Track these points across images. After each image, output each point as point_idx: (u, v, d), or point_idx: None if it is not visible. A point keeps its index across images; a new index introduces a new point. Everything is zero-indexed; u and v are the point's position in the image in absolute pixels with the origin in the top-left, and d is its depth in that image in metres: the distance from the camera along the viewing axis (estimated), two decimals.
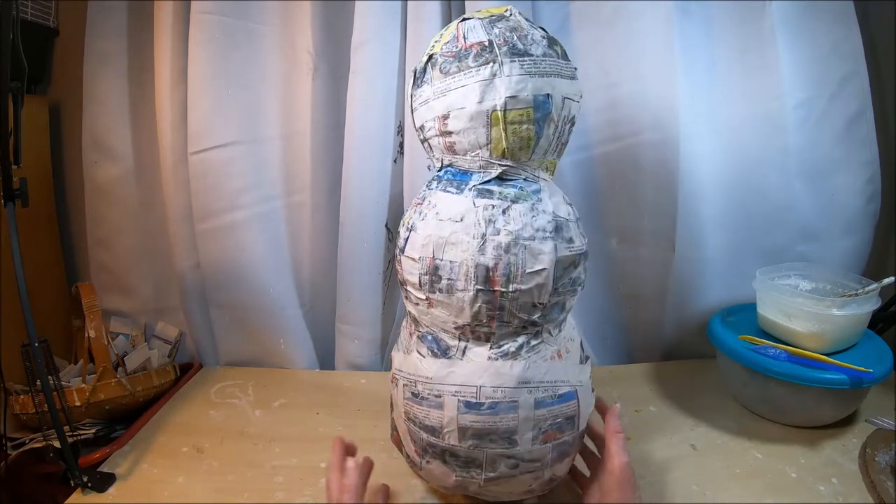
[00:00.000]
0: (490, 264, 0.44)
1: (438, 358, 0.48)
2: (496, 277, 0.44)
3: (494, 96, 0.44)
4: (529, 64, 0.44)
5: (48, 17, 0.85)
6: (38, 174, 0.87)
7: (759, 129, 0.76)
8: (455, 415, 0.46)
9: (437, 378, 0.47)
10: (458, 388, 0.46)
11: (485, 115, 0.44)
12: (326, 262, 0.86)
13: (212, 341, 0.89)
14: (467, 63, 0.45)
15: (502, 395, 0.45)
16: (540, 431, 0.46)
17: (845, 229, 0.78)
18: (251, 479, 0.61)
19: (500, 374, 0.46)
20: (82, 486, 0.59)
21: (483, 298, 0.45)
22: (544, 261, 0.45)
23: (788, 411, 0.65)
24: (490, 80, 0.44)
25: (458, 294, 0.45)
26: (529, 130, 0.45)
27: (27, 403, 0.66)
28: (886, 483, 0.54)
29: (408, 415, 0.50)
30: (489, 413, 0.45)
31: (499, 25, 0.46)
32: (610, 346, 0.88)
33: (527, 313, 0.46)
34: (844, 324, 0.64)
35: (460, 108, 0.45)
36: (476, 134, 0.45)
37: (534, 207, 0.46)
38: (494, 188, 0.46)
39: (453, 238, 0.45)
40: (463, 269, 0.45)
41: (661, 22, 0.73)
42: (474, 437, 0.46)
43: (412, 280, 0.48)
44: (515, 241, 0.44)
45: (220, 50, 0.77)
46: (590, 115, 0.78)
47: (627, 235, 0.82)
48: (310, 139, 0.81)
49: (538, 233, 0.45)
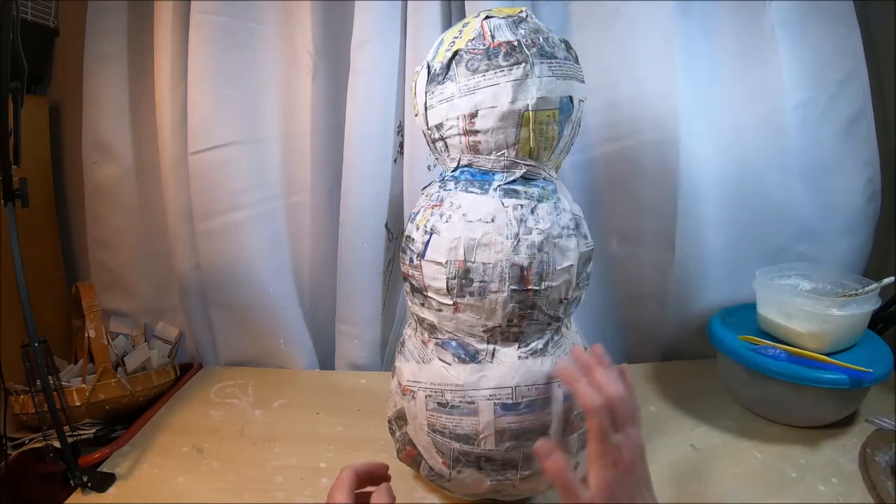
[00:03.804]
0: (525, 263, 0.45)
1: (467, 364, 0.47)
2: (530, 276, 0.45)
3: (527, 96, 0.44)
4: (556, 66, 0.46)
5: (48, 17, 0.85)
6: (38, 174, 0.87)
7: (759, 129, 0.76)
8: (492, 419, 0.46)
9: (469, 384, 0.46)
10: (492, 391, 0.46)
11: (517, 114, 0.45)
12: (326, 262, 0.86)
13: (212, 341, 0.89)
14: (497, 62, 0.44)
15: (537, 393, 0.46)
16: (567, 422, 0.48)
17: (845, 229, 0.78)
18: (251, 479, 0.61)
19: (532, 372, 0.47)
20: (82, 486, 0.59)
21: (516, 298, 0.45)
22: (571, 257, 0.47)
23: (788, 411, 0.65)
24: (522, 80, 0.44)
25: (491, 296, 0.45)
26: (554, 131, 0.46)
27: (27, 403, 0.66)
28: (886, 483, 0.54)
29: (433, 427, 0.48)
30: (526, 412, 0.46)
31: (522, 27, 0.47)
32: (610, 346, 0.86)
33: (554, 309, 0.48)
34: (844, 324, 0.64)
35: (491, 106, 0.45)
36: (505, 133, 0.45)
37: (556, 206, 0.47)
38: (519, 188, 0.47)
39: (485, 239, 0.45)
40: (497, 270, 0.44)
41: (661, 22, 0.73)
42: (511, 439, 0.46)
43: (436, 286, 0.46)
44: (547, 240, 0.45)
45: (221, 50, 0.77)
46: (590, 116, 0.78)
47: (627, 235, 0.82)
48: (310, 139, 0.81)
49: (564, 230, 0.47)
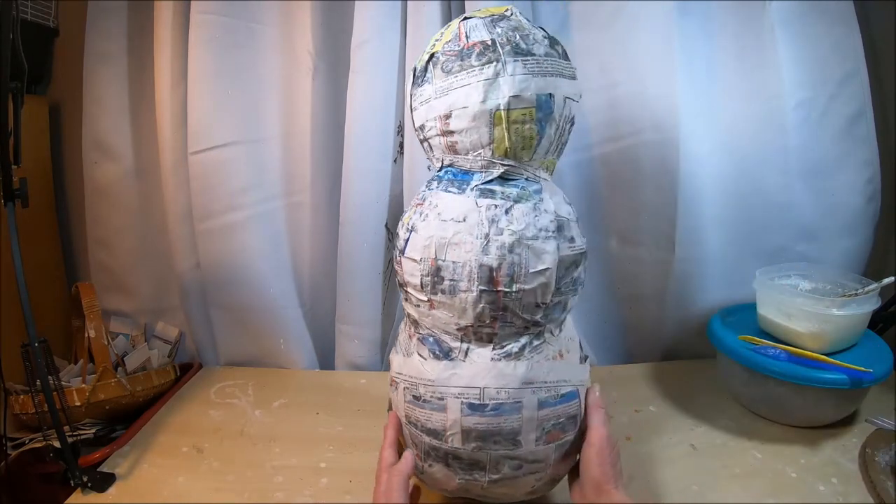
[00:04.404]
0: (494, 265, 0.44)
1: (440, 360, 0.47)
2: (499, 278, 0.44)
3: (498, 95, 0.44)
4: (532, 63, 0.44)
5: (48, 17, 0.85)
6: (38, 174, 0.87)
7: (759, 129, 0.76)
8: (458, 417, 0.46)
9: (440, 381, 0.47)
10: (461, 390, 0.46)
11: (488, 114, 0.44)
12: (326, 262, 0.86)
13: (212, 341, 0.89)
14: (470, 62, 0.44)
15: (506, 397, 0.45)
16: (543, 432, 0.46)
17: (845, 229, 0.78)
18: (251, 479, 0.61)
19: (504, 375, 0.46)
20: (82, 486, 0.59)
21: (486, 299, 0.45)
22: (547, 260, 0.45)
23: (788, 411, 0.65)
24: (493, 80, 0.44)
25: (461, 295, 0.45)
26: (532, 130, 0.45)
27: (27, 403, 0.66)
28: (886, 483, 0.54)
29: (409, 418, 0.49)
30: (493, 415, 0.45)
31: (501, 25, 0.46)
32: (610, 346, 0.88)
33: (530, 313, 0.46)
34: (844, 324, 0.64)
35: (463, 107, 0.45)
36: (479, 133, 0.45)
37: (536, 207, 0.46)
38: (497, 188, 0.46)
39: (456, 238, 0.45)
40: (466, 269, 0.44)
41: (661, 22, 0.73)
42: (478, 440, 0.46)
43: (413, 282, 0.47)
44: (519, 241, 0.44)
45: (221, 50, 0.77)
46: (590, 115, 0.78)
47: (627, 235, 0.82)
48: (310, 139, 0.81)
49: (541, 232, 0.45)
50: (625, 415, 0.70)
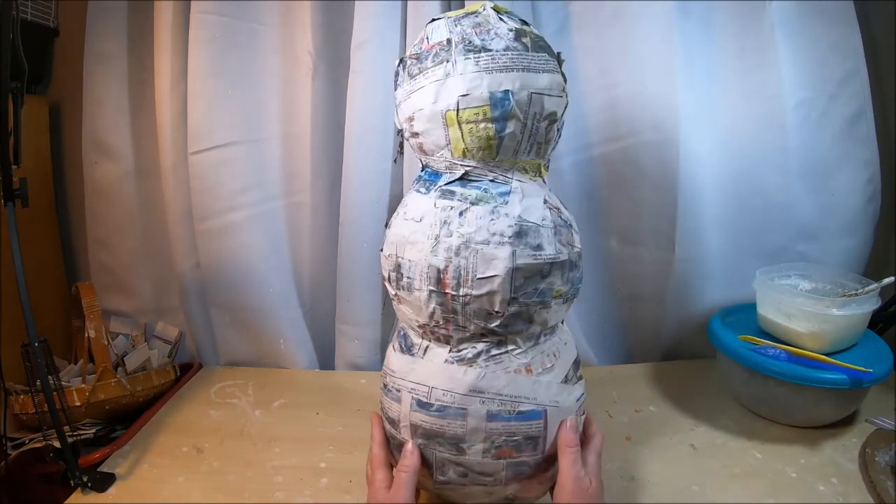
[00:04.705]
0: (441, 266, 0.43)
1: (404, 354, 0.49)
2: (447, 280, 0.43)
3: (447, 96, 0.43)
4: (487, 60, 0.42)
5: (48, 17, 0.85)
6: (38, 174, 0.87)
7: (759, 129, 0.76)
8: (408, 411, 0.46)
9: (400, 373, 0.48)
10: (413, 385, 0.46)
11: (440, 115, 0.44)
12: (326, 262, 0.86)
13: (212, 341, 0.89)
14: (427, 64, 0.44)
15: (451, 400, 0.44)
16: (493, 445, 0.44)
17: (845, 229, 0.78)
18: (251, 479, 0.61)
19: (453, 379, 0.45)
20: (82, 486, 0.59)
21: (436, 300, 0.44)
22: (497, 267, 0.42)
23: (788, 411, 0.65)
24: (444, 80, 0.43)
25: (416, 293, 0.45)
26: (488, 129, 0.43)
27: (27, 403, 0.66)
28: (886, 483, 0.54)
29: (380, 403, 0.51)
30: (437, 415, 0.45)
31: (463, 22, 0.45)
32: (610, 346, 0.88)
33: (483, 320, 0.44)
34: (844, 324, 0.64)
35: (419, 109, 0.45)
36: (436, 135, 0.45)
37: (495, 210, 0.44)
38: (458, 189, 0.45)
39: (412, 238, 0.45)
40: (418, 268, 0.45)
41: (661, 22, 0.72)
42: (423, 437, 0.46)
43: (385, 275, 0.49)
44: (466, 244, 0.43)
45: (221, 50, 0.77)
46: (590, 115, 0.78)
47: (627, 235, 0.82)
48: (310, 139, 0.81)
49: (494, 237, 0.43)
50: (625, 415, 0.70)
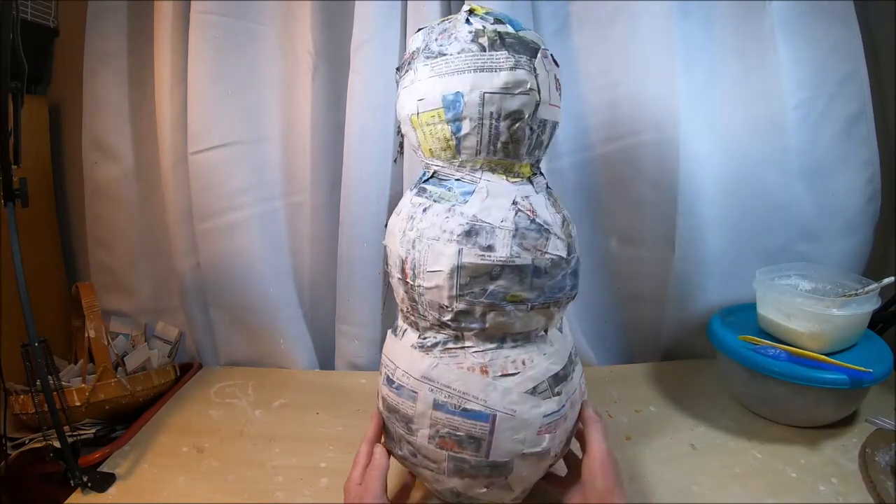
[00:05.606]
0: (403, 256, 0.47)
1: (393, 334, 0.53)
2: (407, 269, 0.47)
3: (410, 101, 0.47)
4: (441, 64, 0.44)
5: (48, 17, 0.85)
6: (38, 174, 0.87)
7: (759, 129, 0.76)
8: (381, 384, 0.52)
9: (385, 350, 0.53)
10: (388, 361, 0.52)
11: (408, 119, 0.48)
12: (326, 262, 0.86)
13: (212, 341, 0.89)
14: (402, 73, 0.48)
15: (407, 382, 0.48)
16: (437, 434, 0.47)
17: (845, 229, 0.78)
18: (251, 479, 0.61)
19: (412, 362, 0.48)
20: (82, 486, 0.59)
21: (402, 287, 0.48)
22: (442, 262, 0.44)
23: (788, 411, 0.65)
24: (409, 87, 0.47)
25: (393, 280, 0.50)
26: (444, 130, 0.45)
27: (27, 403, 0.66)
28: (886, 483, 0.54)
29: None
30: (395, 393, 0.49)
31: (435, 29, 0.47)
32: (610, 346, 0.88)
33: (436, 312, 0.46)
34: (844, 324, 0.64)
35: (399, 113, 0.49)
36: (411, 137, 0.49)
37: (451, 209, 0.45)
38: (429, 187, 0.48)
39: (392, 229, 0.50)
40: (392, 256, 0.49)
41: (661, 22, 0.73)
42: (387, 410, 0.51)
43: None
44: (420, 238, 0.46)
45: (220, 50, 0.77)
46: (590, 115, 0.78)
47: (627, 235, 0.82)
48: (310, 139, 0.81)
49: (444, 234, 0.45)
50: (625, 415, 0.70)
